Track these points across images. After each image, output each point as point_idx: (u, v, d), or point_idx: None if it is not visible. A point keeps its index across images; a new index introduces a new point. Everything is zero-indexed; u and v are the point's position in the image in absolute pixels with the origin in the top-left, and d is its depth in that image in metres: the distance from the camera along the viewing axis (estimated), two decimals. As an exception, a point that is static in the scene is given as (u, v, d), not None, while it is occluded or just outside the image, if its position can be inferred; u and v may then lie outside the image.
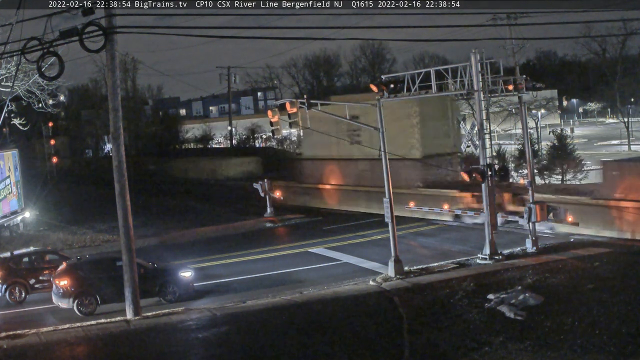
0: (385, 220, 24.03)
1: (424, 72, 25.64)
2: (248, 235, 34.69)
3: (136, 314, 20.08)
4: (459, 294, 19.87)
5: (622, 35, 65.63)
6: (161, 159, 70.78)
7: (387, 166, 23.76)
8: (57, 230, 36.90)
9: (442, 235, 30.46)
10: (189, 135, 79.71)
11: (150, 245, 32.49)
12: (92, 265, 22.90)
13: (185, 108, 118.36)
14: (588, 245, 25.32)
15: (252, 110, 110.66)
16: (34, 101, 32.63)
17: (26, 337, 18.49)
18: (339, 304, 20.20)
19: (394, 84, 24.97)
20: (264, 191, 38.77)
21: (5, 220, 35.72)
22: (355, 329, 17.93)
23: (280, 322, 18.88)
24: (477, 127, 24.20)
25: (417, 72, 26.26)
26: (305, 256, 28.18)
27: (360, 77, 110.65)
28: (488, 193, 24.19)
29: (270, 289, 22.93)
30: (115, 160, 20.16)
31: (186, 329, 18.60)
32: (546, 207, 25.74)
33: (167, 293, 22.28)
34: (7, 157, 37.18)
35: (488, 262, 23.90)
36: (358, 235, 31.75)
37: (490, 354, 15.21)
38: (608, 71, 74.99)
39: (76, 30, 17.83)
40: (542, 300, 18.41)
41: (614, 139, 68.98)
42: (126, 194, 20.21)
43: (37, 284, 23.81)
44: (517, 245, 25.81)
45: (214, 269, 27.01)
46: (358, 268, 25.39)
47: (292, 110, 24.63)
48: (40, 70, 19.42)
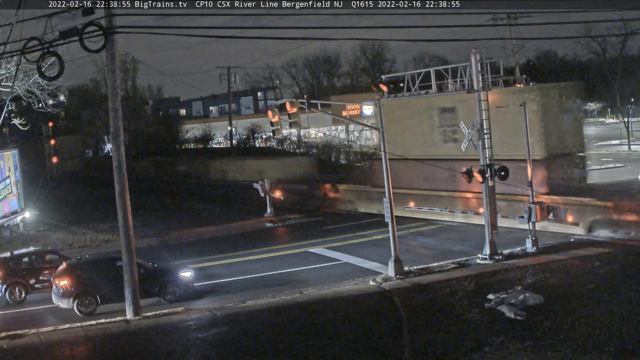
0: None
1: (424, 72, 25.69)
2: (248, 235, 34.69)
3: (136, 314, 20.07)
4: (459, 294, 19.88)
5: (622, 35, 65.64)
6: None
7: (387, 166, 23.74)
8: (57, 230, 36.91)
9: (442, 235, 30.45)
10: (189, 135, 79.69)
11: (151, 245, 32.52)
12: (92, 265, 22.89)
13: (185, 108, 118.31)
14: (588, 245, 25.32)
15: (252, 110, 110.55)
16: (34, 101, 32.65)
17: (26, 337, 18.49)
18: (339, 304, 20.20)
19: (394, 83, 25.00)
20: (264, 191, 38.77)
21: (5, 220, 35.72)
22: (356, 329, 17.93)
23: (281, 322, 18.87)
24: (477, 127, 24.18)
25: (417, 72, 26.32)
26: (305, 256, 28.18)
27: (360, 77, 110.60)
28: (488, 193, 24.22)
29: (271, 289, 22.94)
30: (115, 160, 20.15)
31: (186, 329, 18.60)
32: (546, 207, 25.78)
33: (167, 293, 22.28)
34: (7, 157, 37.19)
35: (488, 262, 23.91)
36: (358, 235, 31.75)
37: (490, 354, 15.21)
38: (608, 71, 74.97)
39: (76, 30, 17.84)
40: (542, 300, 18.42)
41: (614, 139, 68.96)
42: (126, 194, 20.21)
43: (37, 284, 23.80)
44: (517, 245, 25.82)
45: (214, 269, 27.01)
46: (358, 268, 25.39)
47: (292, 110, 24.63)
48: (40, 70, 19.43)
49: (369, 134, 64.56)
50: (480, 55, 23.97)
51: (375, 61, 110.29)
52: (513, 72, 44.69)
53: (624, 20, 51.47)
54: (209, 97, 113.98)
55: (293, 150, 63.79)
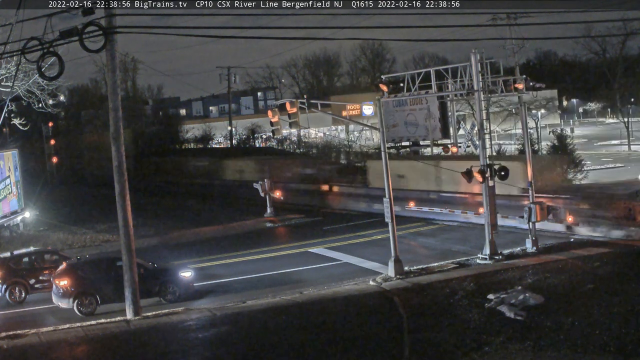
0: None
1: (424, 72, 25.75)
2: (248, 235, 34.69)
3: (136, 314, 20.07)
4: (459, 294, 19.88)
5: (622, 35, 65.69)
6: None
7: (387, 166, 23.75)
8: (57, 230, 36.91)
9: (442, 235, 30.44)
10: (189, 135, 79.64)
11: (151, 245, 32.52)
12: (92, 265, 22.89)
13: (185, 108, 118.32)
14: (588, 245, 25.32)
15: (252, 110, 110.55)
16: (34, 101, 32.66)
17: (26, 337, 18.49)
18: (339, 304, 20.20)
19: (394, 84, 25.02)
20: (264, 191, 38.75)
21: (5, 220, 35.71)
22: (356, 328, 17.92)
23: (280, 322, 18.87)
24: (477, 127, 24.19)
25: (417, 72, 26.39)
26: (305, 256, 28.17)
27: (360, 77, 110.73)
28: (488, 193, 24.22)
29: (271, 289, 22.94)
30: (115, 160, 20.15)
31: (186, 329, 18.60)
32: (546, 207, 25.79)
33: (167, 293, 22.28)
34: (7, 157, 37.18)
35: (488, 262, 23.90)
36: (358, 235, 31.74)
37: (490, 354, 15.20)
38: (608, 71, 75.01)
39: (76, 30, 17.83)
40: (542, 300, 18.41)
41: (614, 139, 68.96)
42: (126, 194, 20.21)
43: (37, 284, 23.79)
44: (517, 245, 25.82)
45: (214, 269, 27.01)
46: (358, 268, 25.38)
47: (292, 110, 24.63)
48: (40, 70, 19.42)
49: (369, 134, 64.53)
50: (480, 55, 23.99)
51: (375, 61, 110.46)
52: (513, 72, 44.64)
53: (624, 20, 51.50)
54: (209, 97, 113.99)
55: (293, 150, 63.74)
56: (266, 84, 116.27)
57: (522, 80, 25.62)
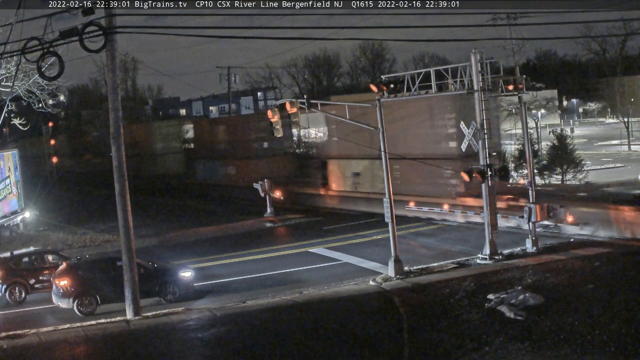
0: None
1: (424, 72, 25.63)
2: (248, 236, 34.69)
3: (136, 314, 20.07)
4: (459, 294, 19.87)
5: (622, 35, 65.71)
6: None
7: (387, 166, 23.75)
8: (57, 230, 36.93)
9: (442, 235, 30.45)
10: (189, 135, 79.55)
11: (151, 245, 32.52)
12: (92, 265, 22.89)
13: (185, 108, 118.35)
14: (588, 245, 25.31)
15: (252, 110, 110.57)
16: (34, 101, 32.65)
17: (26, 337, 18.48)
18: (339, 304, 20.20)
19: (394, 84, 24.98)
20: (264, 191, 38.74)
21: (5, 220, 35.72)
22: (356, 328, 17.92)
23: (281, 322, 18.87)
24: (477, 127, 24.19)
25: (417, 72, 26.26)
26: (305, 256, 28.17)
27: (360, 77, 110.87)
28: (488, 193, 24.21)
29: (271, 289, 22.94)
30: (115, 160, 20.14)
31: (186, 329, 18.60)
32: (546, 207, 25.77)
33: (167, 293, 22.28)
34: (7, 157, 37.18)
35: (488, 262, 23.89)
36: (358, 235, 31.74)
37: (490, 354, 15.21)
38: (608, 71, 75.01)
39: (76, 30, 17.84)
40: (542, 300, 18.39)
41: (614, 139, 69.00)
42: (126, 194, 20.20)
43: (37, 284, 23.80)
44: (517, 245, 25.81)
45: (214, 269, 27.01)
46: (358, 268, 25.38)
47: (292, 110, 24.64)
48: (40, 70, 19.44)
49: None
50: (480, 55, 23.95)
51: (375, 61, 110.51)
52: (513, 72, 44.69)
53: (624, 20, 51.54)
54: (209, 97, 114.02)
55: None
56: (266, 84, 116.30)
57: (522, 80, 25.59)
